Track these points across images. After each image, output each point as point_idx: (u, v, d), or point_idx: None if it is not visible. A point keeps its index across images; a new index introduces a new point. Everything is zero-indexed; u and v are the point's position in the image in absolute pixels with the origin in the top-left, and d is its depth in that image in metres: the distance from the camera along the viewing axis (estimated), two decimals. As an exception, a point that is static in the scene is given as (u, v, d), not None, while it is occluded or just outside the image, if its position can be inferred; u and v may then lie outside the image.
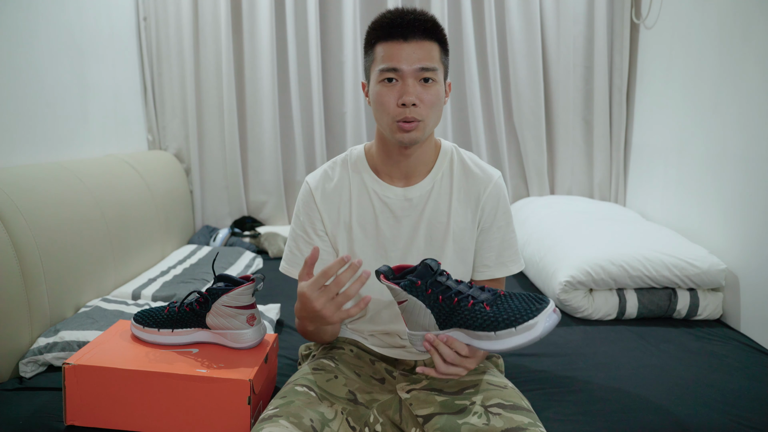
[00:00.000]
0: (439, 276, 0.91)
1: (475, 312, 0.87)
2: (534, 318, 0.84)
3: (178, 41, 2.70)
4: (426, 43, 1.07)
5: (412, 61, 1.05)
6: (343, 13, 2.69)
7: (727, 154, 1.86)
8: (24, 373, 1.34)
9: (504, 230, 1.19)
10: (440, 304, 0.90)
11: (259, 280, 1.19)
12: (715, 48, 1.95)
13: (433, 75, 1.07)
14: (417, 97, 1.06)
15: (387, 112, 1.08)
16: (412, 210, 1.17)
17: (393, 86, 1.07)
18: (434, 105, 1.08)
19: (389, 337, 1.21)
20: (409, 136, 1.08)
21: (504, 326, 0.85)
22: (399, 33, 1.06)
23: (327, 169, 1.21)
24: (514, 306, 0.86)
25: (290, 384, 1.09)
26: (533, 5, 2.64)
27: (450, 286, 0.90)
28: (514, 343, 0.84)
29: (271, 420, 0.95)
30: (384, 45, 1.08)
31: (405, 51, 1.06)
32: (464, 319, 0.88)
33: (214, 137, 2.78)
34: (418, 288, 0.90)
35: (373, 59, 1.10)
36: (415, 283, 0.90)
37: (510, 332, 0.84)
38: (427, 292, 0.90)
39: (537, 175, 2.79)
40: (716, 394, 1.31)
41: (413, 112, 1.06)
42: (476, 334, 0.88)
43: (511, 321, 0.84)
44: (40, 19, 1.82)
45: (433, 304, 0.90)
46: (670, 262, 1.76)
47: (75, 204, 1.69)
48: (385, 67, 1.06)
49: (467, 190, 1.18)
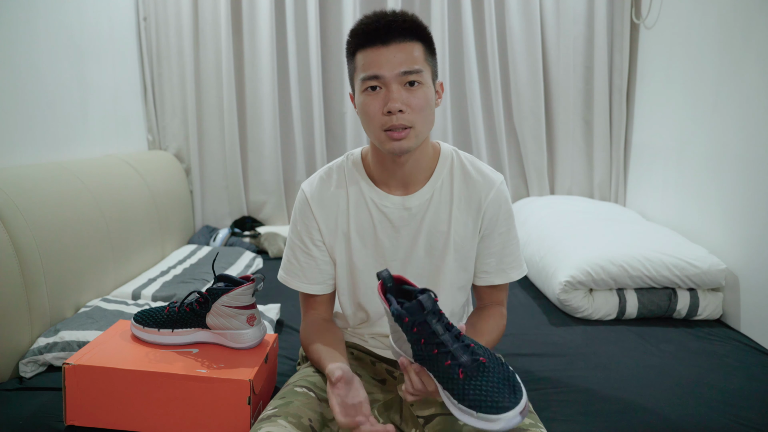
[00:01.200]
0: (431, 316, 0.86)
1: (448, 373, 0.84)
2: (498, 414, 0.80)
3: (178, 41, 2.70)
4: (407, 45, 1.01)
5: (393, 66, 1.00)
6: (343, 13, 2.69)
7: (727, 154, 1.85)
8: (24, 373, 1.34)
9: (505, 236, 1.16)
10: (420, 347, 0.86)
11: (259, 280, 1.19)
12: (715, 48, 1.95)
13: (418, 77, 1.01)
14: (403, 102, 1.00)
15: (373, 122, 1.03)
16: (411, 220, 1.13)
17: (377, 94, 1.02)
18: (423, 109, 1.02)
19: (389, 340, 1.21)
20: (400, 146, 1.02)
21: (467, 404, 0.81)
22: (377, 37, 1.00)
23: (323, 176, 1.17)
24: (486, 388, 0.81)
25: (290, 385, 1.09)
26: (533, 5, 2.64)
27: (436, 332, 0.85)
28: (470, 423, 0.81)
29: (270, 420, 0.95)
30: (363, 52, 1.02)
31: (385, 55, 1.00)
32: (436, 372, 0.86)
33: (214, 137, 2.78)
34: (405, 323, 0.86)
35: (355, 68, 1.05)
36: (402, 317, 0.86)
37: (470, 413, 0.81)
38: (413, 330, 0.86)
39: (537, 175, 2.79)
40: (716, 394, 1.31)
41: (401, 119, 1.00)
42: (444, 390, 0.85)
43: (476, 404, 0.81)
44: (40, 19, 1.82)
45: (414, 342, 0.87)
46: (670, 262, 1.76)
47: (75, 204, 1.69)
48: (367, 75, 1.01)
49: (468, 197, 1.14)
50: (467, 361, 0.83)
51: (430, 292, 0.87)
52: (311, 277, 1.16)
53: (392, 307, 0.87)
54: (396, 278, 0.94)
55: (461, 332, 0.87)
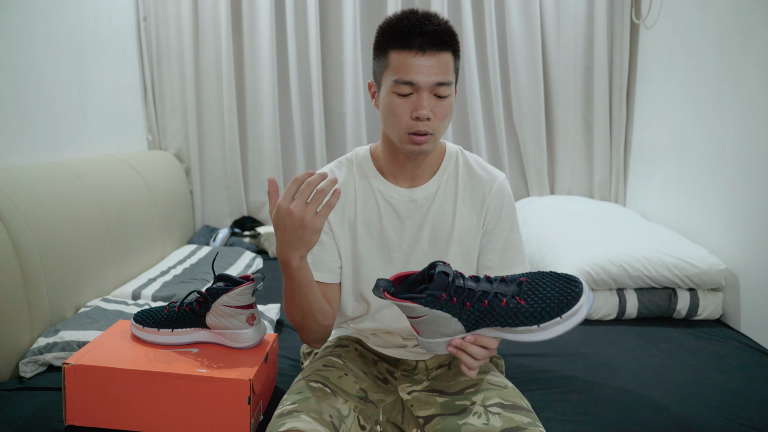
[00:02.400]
0: (458, 279, 0.85)
1: (511, 310, 0.83)
2: (577, 303, 0.80)
3: (178, 41, 2.70)
4: (442, 55, 1.03)
5: (429, 75, 1.02)
6: (343, 13, 2.69)
7: (727, 154, 1.85)
8: (24, 373, 1.34)
9: (507, 232, 1.18)
10: (468, 310, 0.84)
11: (258, 279, 1.19)
12: (715, 48, 1.95)
13: (448, 90, 1.05)
14: (431, 111, 1.04)
15: (399, 124, 1.06)
16: (417, 211, 1.16)
17: (407, 98, 1.04)
18: (446, 117, 1.07)
19: (391, 336, 1.21)
20: (419, 149, 1.07)
21: (548, 318, 0.81)
22: (416, 43, 1.01)
23: (333, 168, 1.20)
24: (549, 294, 0.82)
25: (302, 380, 1.07)
26: (533, 5, 2.64)
27: (471, 288, 0.84)
28: (560, 331, 0.81)
29: (291, 415, 0.94)
30: (399, 54, 1.03)
31: (422, 65, 1.02)
32: (500, 319, 0.84)
33: (214, 137, 2.78)
34: (442, 301, 0.84)
35: (387, 66, 1.06)
36: (438, 296, 0.83)
37: (555, 322, 0.81)
38: (452, 302, 0.84)
39: (537, 175, 2.79)
40: (716, 394, 1.31)
41: (426, 125, 1.04)
42: (515, 330, 0.84)
43: (555, 311, 0.81)
44: (40, 19, 1.82)
45: (460, 312, 0.85)
46: (670, 262, 1.76)
47: (75, 204, 1.69)
48: (401, 79, 1.03)
49: (472, 191, 1.17)
50: (515, 289, 0.84)
51: (439, 262, 0.87)
52: (320, 264, 1.16)
53: (420, 300, 0.85)
54: (395, 279, 0.92)
55: (486, 276, 0.88)
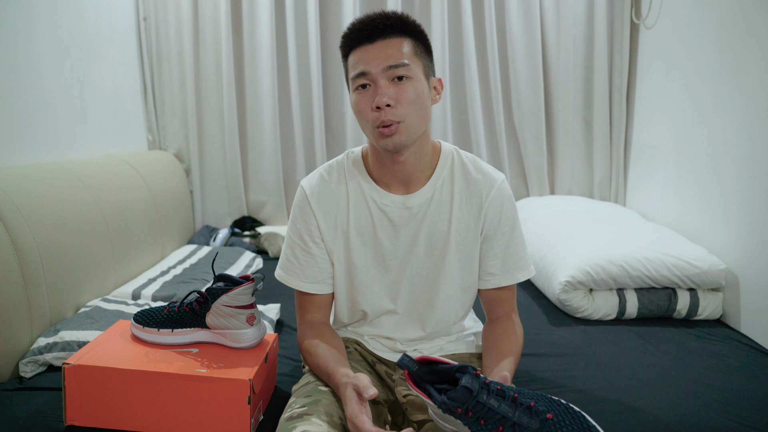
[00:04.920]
0: (481, 394, 0.79)
1: None
2: None
3: (178, 41, 2.70)
4: (393, 41, 1.03)
5: (379, 61, 1.01)
6: (343, 13, 2.69)
7: (727, 154, 1.85)
8: (24, 373, 1.34)
9: (509, 236, 1.15)
10: (481, 427, 0.79)
11: (258, 279, 1.19)
12: (715, 48, 1.95)
13: (405, 71, 1.02)
14: (390, 97, 1.00)
15: (365, 119, 1.04)
16: (412, 219, 1.13)
17: (366, 92, 1.03)
18: (413, 103, 1.02)
19: (390, 342, 1.20)
20: (392, 141, 1.02)
21: None
22: (364, 37, 1.03)
23: (323, 173, 1.17)
24: None
25: (311, 383, 1.07)
26: (533, 5, 2.64)
27: (492, 408, 0.78)
28: None
29: (302, 419, 0.93)
30: (354, 53, 1.05)
31: (371, 52, 1.02)
32: None
33: (214, 137, 2.78)
34: (458, 414, 0.79)
35: (348, 70, 1.08)
36: (454, 409, 0.79)
37: None
38: (467, 416, 0.79)
39: (537, 175, 2.79)
40: (716, 394, 1.31)
41: (389, 114, 1.01)
42: None
43: None
44: (40, 19, 1.82)
45: (472, 425, 0.80)
46: (670, 262, 1.76)
47: (75, 204, 1.69)
48: (355, 73, 1.03)
49: (469, 196, 1.13)
50: (536, 425, 0.78)
51: (469, 368, 0.82)
52: (310, 276, 1.15)
53: (436, 401, 0.81)
54: (421, 359, 0.86)
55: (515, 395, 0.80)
